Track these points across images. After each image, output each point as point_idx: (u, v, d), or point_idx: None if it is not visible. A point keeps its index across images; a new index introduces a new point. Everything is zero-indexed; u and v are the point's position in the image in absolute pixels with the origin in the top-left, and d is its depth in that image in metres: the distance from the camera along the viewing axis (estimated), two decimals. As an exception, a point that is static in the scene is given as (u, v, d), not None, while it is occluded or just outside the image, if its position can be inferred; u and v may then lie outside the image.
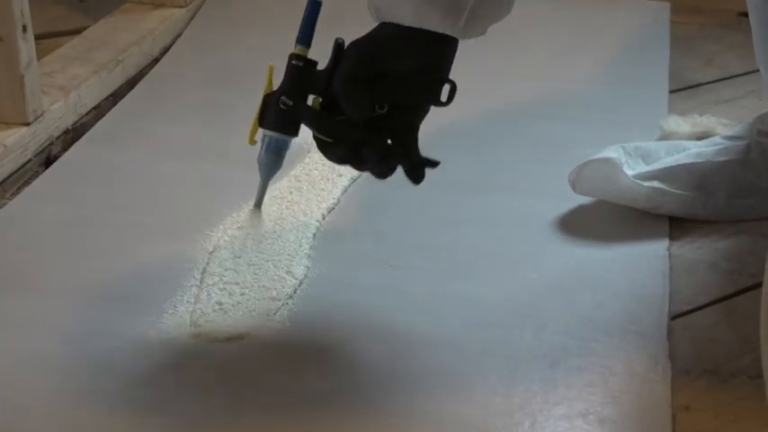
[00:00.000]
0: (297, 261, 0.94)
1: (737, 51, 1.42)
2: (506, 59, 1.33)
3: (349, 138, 0.82)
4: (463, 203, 1.06)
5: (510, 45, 1.04)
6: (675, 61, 1.37)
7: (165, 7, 1.43)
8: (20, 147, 1.10)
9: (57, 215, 1.02)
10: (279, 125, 0.85)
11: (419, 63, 0.82)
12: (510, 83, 1.30)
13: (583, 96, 1.27)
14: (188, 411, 0.77)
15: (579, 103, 1.26)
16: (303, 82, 0.84)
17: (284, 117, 0.84)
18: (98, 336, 0.85)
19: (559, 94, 1.28)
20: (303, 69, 0.84)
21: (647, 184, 1.00)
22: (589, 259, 0.97)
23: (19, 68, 1.09)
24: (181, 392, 0.78)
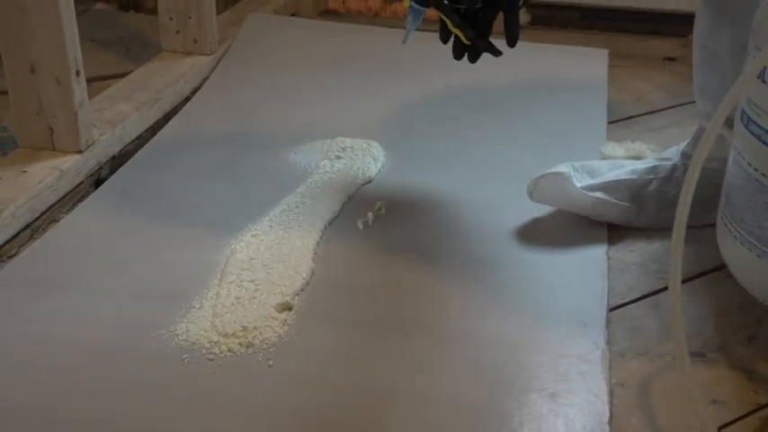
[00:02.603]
0: (303, 263, 0.93)
1: (663, 90, 1.42)
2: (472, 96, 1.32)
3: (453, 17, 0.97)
4: (437, 216, 1.05)
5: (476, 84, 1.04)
6: (612, 98, 1.36)
7: (194, 55, 1.41)
8: (74, 171, 1.09)
9: (104, 227, 1.01)
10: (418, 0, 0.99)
11: None
12: (474, 115, 1.29)
13: (536, 126, 1.26)
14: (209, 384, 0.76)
15: (533, 132, 1.25)
16: None
17: None
18: (136, 327, 0.83)
19: (516, 125, 1.27)
20: None
21: (592, 194, 0.99)
22: (543, 261, 0.96)
23: (73, 106, 1.08)
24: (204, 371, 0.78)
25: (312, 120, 1.27)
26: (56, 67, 1.06)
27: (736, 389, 0.79)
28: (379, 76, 1.09)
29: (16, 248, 0.99)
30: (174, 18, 1.40)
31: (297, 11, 1.73)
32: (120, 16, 1.75)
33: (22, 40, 1.05)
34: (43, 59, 1.06)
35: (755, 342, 0.85)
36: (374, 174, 1.13)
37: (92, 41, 1.59)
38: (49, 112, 1.08)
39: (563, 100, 1.33)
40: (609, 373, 0.79)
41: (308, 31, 1.59)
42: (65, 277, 0.91)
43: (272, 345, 0.81)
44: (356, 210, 1.04)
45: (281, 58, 1.46)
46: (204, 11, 1.39)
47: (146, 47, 1.55)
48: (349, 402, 0.75)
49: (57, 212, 1.06)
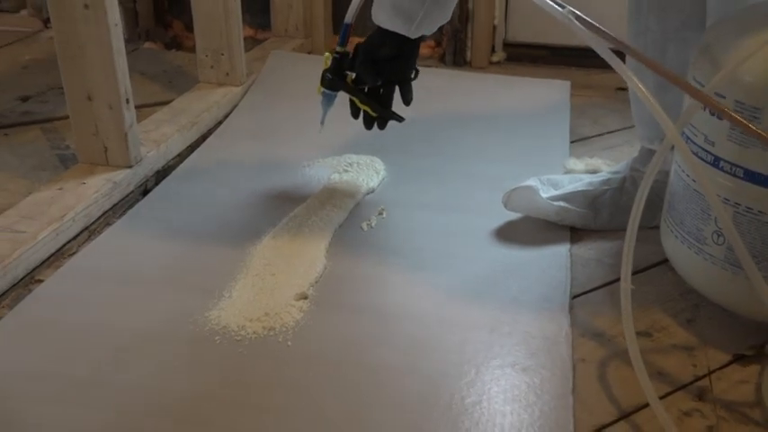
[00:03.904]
0: (317, 259, 0.92)
1: (615, 114, 1.41)
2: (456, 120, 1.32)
3: (359, 96, 1.01)
4: (429, 220, 1.04)
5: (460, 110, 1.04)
6: (573, 121, 1.36)
7: (226, 86, 1.40)
8: (125, 182, 1.08)
9: (150, 231, 1.00)
10: (328, 86, 1.02)
11: (394, 51, 0.97)
12: (458, 137, 1.28)
13: (509, 145, 1.25)
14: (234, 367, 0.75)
15: (507, 149, 1.24)
16: (340, 65, 1.00)
17: (330, 83, 1.01)
18: (177, 314, 0.83)
19: (493, 144, 1.26)
20: (339, 59, 1.00)
21: (555, 203, 0.99)
22: (515, 257, 0.95)
23: (124, 129, 1.07)
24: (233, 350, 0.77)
25: (323, 140, 1.25)
26: (109, 95, 1.05)
27: (678, 363, 0.78)
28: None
29: (76, 247, 0.98)
30: (209, 55, 1.40)
31: (312, 49, 1.72)
32: (165, 54, 1.75)
33: (81, 73, 1.05)
34: (98, 89, 1.05)
35: (693, 324, 0.84)
36: (376, 184, 1.12)
37: (141, 74, 1.59)
38: (103, 134, 1.08)
39: (532, 123, 1.33)
40: (572, 350, 0.79)
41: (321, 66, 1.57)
42: (117, 272, 0.91)
43: (291, 328, 0.80)
44: (361, 214, 1.04)
45: (299, 89, 1.46)
46: (235, 49, 1.39)
47: (185, 79, 1.55)
48: (353, 376, 0.75)
49: (110, 217, 1.05)
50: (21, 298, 0.87)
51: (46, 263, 0.94)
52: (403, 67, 1.00)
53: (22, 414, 0.70)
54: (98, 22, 1.01)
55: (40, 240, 0.93)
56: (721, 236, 0.77)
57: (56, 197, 1.01)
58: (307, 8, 1.69)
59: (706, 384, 0.76)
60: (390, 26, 0.95)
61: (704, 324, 0.84)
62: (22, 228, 0.94)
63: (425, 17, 0.93)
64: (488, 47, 1.66)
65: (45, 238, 0.93)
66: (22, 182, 1.15)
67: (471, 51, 1.65)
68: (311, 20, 1.70)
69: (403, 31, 0.95)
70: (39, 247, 0.93)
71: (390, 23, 0.95)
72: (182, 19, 1.80)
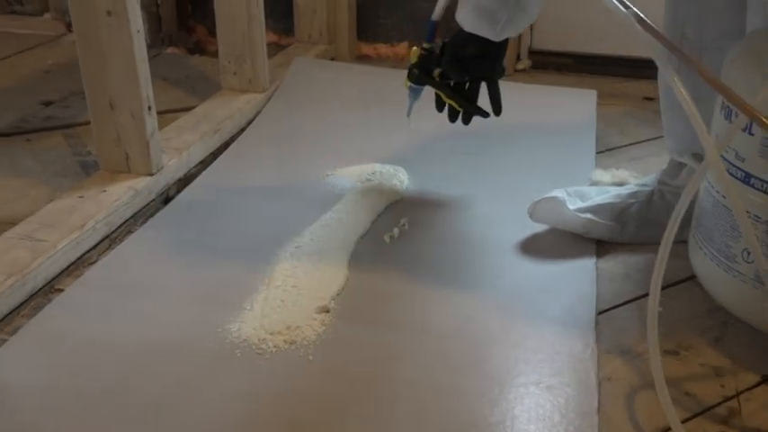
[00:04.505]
0: (339, 272, 0.92)
1: (643, 124, 1.39)
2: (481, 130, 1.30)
3: (445, 90, 1.03)
4: (452, 231, 1.04)
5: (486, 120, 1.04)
6: (599, 131, 1.35)
7: (249, 93, 1.41)
8: (146, 190, 1.09)
9: (170, 239, 1.01)
10: (414, 81, 1.05)
11: (479, 52, 0.99)
12: (484, 147, 1.28)
13: (535, 156, 1.25)
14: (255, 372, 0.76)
15: (533, 160, 1.23)
16: (427, 61, 1.03)
17: (417, 77, 1.04)
18: (198, 326, 0.83)
19: (519, 154, 1.26)
20: (426, 55, 1.03)
21: (582, 215, 0.98)
22: (541, 271, 0.95)
23: (146, 136, 1.08)
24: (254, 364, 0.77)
25: (347, 148, 1.27)
26: (131, 103, 1.06)
27: (705, 384, 0.77)
28: (403, 113, 1.09)
29: (96, 256, 0.99)
30: (231, 61, 1.41)
31: (336, 55, 1.73)
32: (188, 59, 1.76)
33: (103, 80, 1.06)
34: (120, 97, 1.06)
35: (721, 343, 0.83)
36: (400, 195, 1.12)
37: (164, 80, 1.60)
38: (125, 142, 1.09)
39: (559, 133, 1.32)
40: (597, 368, 0.78)
41: (345, 72, 1.59)
42: (137, 282, 0.92)
43: (312, 342, 0.80)
44: (384, 225, 1.04)
45: (322, 96, 1.47)
46: (258, 56, 1.40)
47: (208, 85, 1.56)
48: (374, 392, 0.75)
49: (131, 225, 1.06)
50: (40, 307, 0.88)
51: (66, 272, 0.95)
52: (489, 67, 1.02)
53: (38, 429, 0.70)
54: (120, 29, 1.02)
55: (59, 249, 0.94)
56: (752, 254, 0.76)
57: (76, 205, 1.03)
58: (331, 13, 1.69)
59: (734, 406, 0.75)
60: (474, 29, 0.96)
61: (732, 343, 0.83)
62: (43, 236, 0.95)
63: (510, 20, 0.94)
64: (513, 54, 1.65)
65: (65, 247, 0.95)
66: (44, 189, 1.16)
67: (497, 59, 1.65)
68: (335, 25, 1.71)
69: (487, 34, 0.96)
70: (59, 257, 0.94)
71: (474, 26, 0.95)
72: (205, 24, 1.82)
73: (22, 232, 0.97)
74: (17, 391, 0.75)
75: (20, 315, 0.88)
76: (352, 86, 1.50)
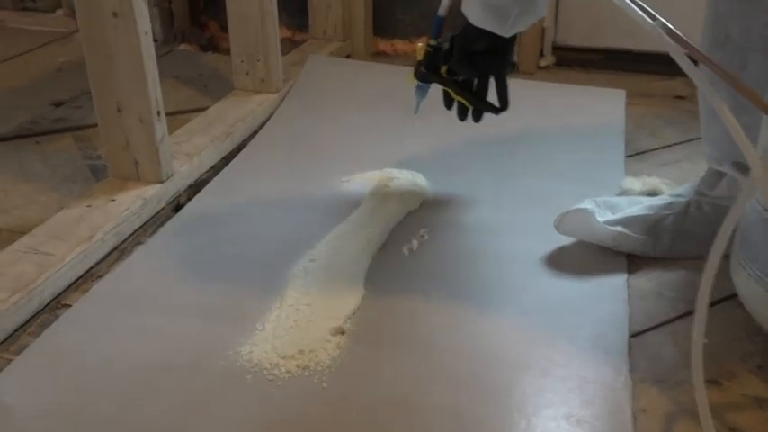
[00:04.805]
0: (355, 288, 0.88)
1: (674, 126, 1.33)
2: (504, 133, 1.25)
3: (453, 87, 1.01)
4: (474, 243, 0.99)
5: (508, 122, 0.99)
6: (628, 133, 1.28)
7: (262, 93, 1.37)
8: (156, 199, 1.06)
9: (181, 252, 0.97)
10: (421, 78, 1.03)
11: (488, 47, 0.95)
12: (506, 151, 1.23)
13: (561, 161, 1.19)
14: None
15: (559, 166, 1.18)
16: (433, 58, 1.00)
17: (424, 75, 1.02)
18: (208, 347, 0.79)
19: (544, 159, 1.20)
20: (433, 52, 1.00)
21: (613, 228, 0.93)
22: (568, 288, 0.90)
23: (155, 143, 1.04)
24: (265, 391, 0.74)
25: (363, 152, 1.22)
26: (139, 108, 1.03)
27: (750, 416, 0.72)
28: (421, 114, 1.05)
29: (105, 269, 0.96)
30: (244, 61, 1.36)
31: (352, 52, 1.68)
32: (200, 56, 1.72)
33: (110, 83, 1.02)
34: (128, 101, 1.03)
35: (764, 370, 0.78)
36: (418, 203, 1.07)
37: (175, 78, 1.57)
38: (134, 148, 1.05)
39: (585, 137, 1.26)
40: (631, 399, 0.73)
41: (361, 71, 1.54)
42: (146, 298, 0.88)
43: (327, 367, 0.76)
44: (402, 236, 1.00)
45: (337, 96, 1.42)
46: (271, 55, 1.35)
47: (221, 83, 1.52)
48: (391, 421, 0.70)
49: (141, 235, 1.03)
50: (47, 324, 0.85)
51: (73, 286, 0.92)
52: (498, 62, 0.98)
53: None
54: (127, 31, 0.98)
55: (67, 263, 0.91)
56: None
57: (84, 215, 0.99)
58: (346, 9, 1.64)
59: (781, 441, 0.70)
60: (482, 24, 0.92)
61: (777, 370, 0.78)
62: (49, 249, 0.92)
63: (519, 15, 0.90)
64: (536, 50, 1.59)
65: (72, 261, 0.91)
66: (53, 195, 1.13)
67: (518, 55, 1.59)
68: (351, 21, 1.66)
69: (496, 29, 0.92)
70: (66, 270, 0.91)
71: (482, 21, 0.92)
72: (217, 19, 1.77)
73: (29, 245, 0.93)
74: (21, 415, 0.72)
75: (26, 332, 0.85)
76: (368, 86, 1.46)
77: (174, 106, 1.42)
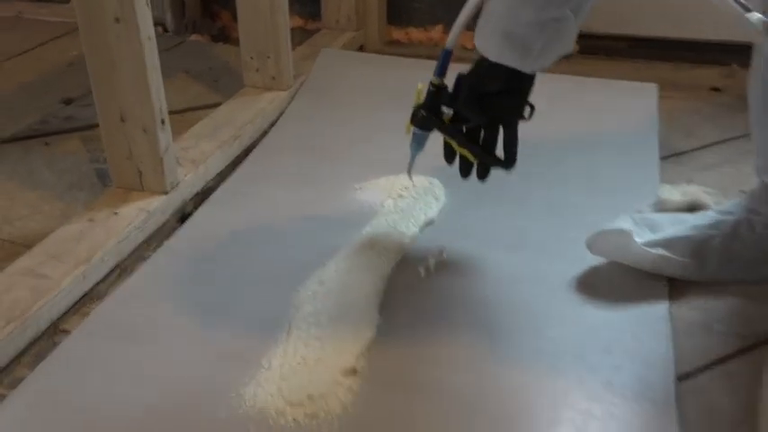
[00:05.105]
0: (368, 318, 0.77)
1: (711, 122, 1.19)
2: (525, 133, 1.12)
3: (458, 137, 0.82)
4: (497, 262, 0.87)
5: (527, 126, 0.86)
6: (661, 131, 1.14)
7: (272, 90, 1.25)
8: (160, 211, 0.95)
9: (184, 271, 0.87)
10: (420, 125, 0.83)
11: (504, 87, 0.77)
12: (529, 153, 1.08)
13: (589, 165, 1.06)
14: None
15: (586, 171, 1.05)
16: (436, 100, 0.81)
17: (423, 121, 0.83)
18: (208, 388, 0.69)
19: (569, 164, 1.07)
20: (435, 92, 0.81)
21: (653, 251, 0.81)
22: (602, 319, 0.78)
23: (159, 152, 0.94)
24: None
25: (377, 154, 1.10)
26: (143, 117, 0.92)
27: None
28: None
29: (106, 289, 0.86)
30: (254, 57, 1.24)
31: (365, 41, 1.55)
32: (211, 48, 1.60)
33: (113, 92, 0.91)
34: (132, 110, 0.92)
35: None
36: (435, 214, 0.96)
37: (186, 72, 1.45)
38: (137, 158, 0.95)
39: (615, 137, 1.13)
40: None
41: (375, 65, 1.41)
42: (145, 328, 0.78)
43: (337, 416, 0.66)
44: (419, 253, 0.88)
45: (350, 93, 1.30)
46: (281, 51, 1.23)
47: (231, 78, 1.40)
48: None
49: (144, 250, 0.92)
50: (43, 354, 0.76)
51: (72, 309, 0.82)
52: (514, 104, 0.79)
53: None
54: (130, 37, 0.87)
55: (64, 288, 0.81)
56: None
57: (85, 231, 0.89)
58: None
59: None
60: (500, 58, 0.75)
61: None
62: (47, 271, 0.82)
63: (544, 49, 0.74)
64: (561, 39, 1.45)
65: (70, 285, 0.81)
66: (58, 204, 1.04)
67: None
68: (364, 9, 1.53)
69: (517, 65, 0.75)
70: (64, 295, 0.81)
71: (501, 55, 0.75)
72: (229, 9, 1.65)
73: (26, 267, 0.84)
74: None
75: (20, 364, 0.76)
76: (382, 82, 1.33)
77: (184, 103, 1.31)
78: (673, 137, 1.15)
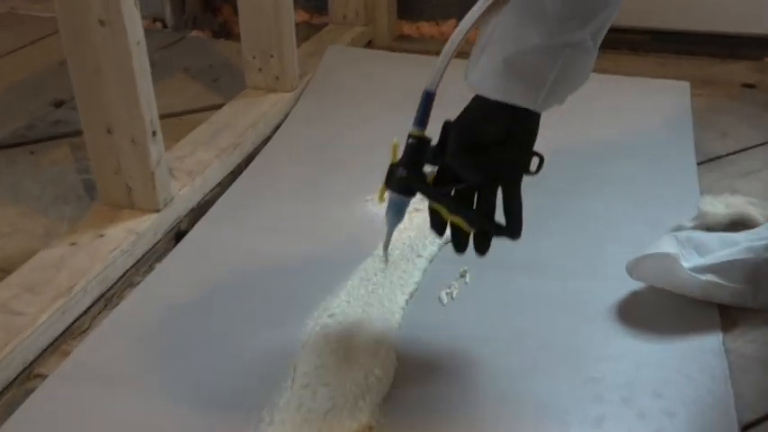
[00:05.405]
0: (384, 359, 0.66)
1: (748, 122, 1.07)
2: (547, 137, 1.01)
3: (448, 203, 0.63)
4: (525, 285, 0.76)
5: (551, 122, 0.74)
6: (696, 132, 1.03)
7: (276, 92, 1.13)
8: (151, 231, 0.84)
9: (177, 300, 0.76)
10: (399, 189, 0.64)
11: (504, 134, 0.59)
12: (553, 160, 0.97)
13: (620, 173, 0.94)
14: None
15: (618, 180, 0.93)
16: (417, 156, 0.62)
17: (403, 183, 0.63)
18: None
19: (599, 172, 0.95)
20: (417, 146, 0.62)
21: (703, 277, 0.70)
22: (649, 354, 0.67)
23: (150, 167, 0.83)
24: None
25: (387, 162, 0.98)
26: (132, 128, 0.81)
27: None
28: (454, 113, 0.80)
29: (89, 322, 0.75)
30: (256, 57, 1.12)
31: (374, 37, 1.43)
32: (212, 44, 1.48)
33: (99, 101, 0.80)
34: (119, 121, 0.81)
35: None
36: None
37: (185, 71, 1.33)
38: (126, 172, 0.84)
39: (645, 141, 1.01)
40: None
41: (385, 63, 1.28)
42: (129, 374, 0.67)
43: (350, 486, 0.55)
44: (439, 276, 0.77)
45: (358, 94, 1.18)
46: (285, 50, 1.11)
47: (232, 77, 1.28)
48: None
49: (133, 275, 0.81)
50: (14, 404, 0.65)
51: (49, 349, 0.71)
52: (518, 155, 0.61)
53: None
54: (117, 42, 0.76)
55: (41, 325, 0.70)
56: None
57: (66, 257, 0.78)
58: (368, -11, 1.39)
59: None
60: (502, 95, 0.57)
61: None
62: (21, 306, 0.71)
63: (558, 81, 0.56)
64: (580, 32, 1.33)
65: (47, 321, 0.70)
66: (42, 220, 0.93)
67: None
68: (373, 3, 1.40)
69: (523, 102, 0.57)
70: (40, 332, 0.70)
71: (502, 91, 0.57)
72: (231, 3, 1.52)
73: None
74: None
75: (-10, 416, 0.65)
76: (393, 81, 1.20)
77: (182, 105, 1.19)
78: (707, 139, 1.03)
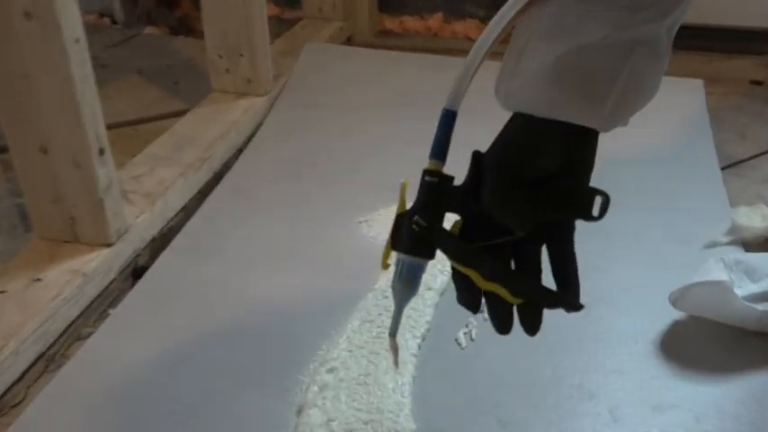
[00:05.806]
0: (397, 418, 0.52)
1: (763, 122, 0.96)
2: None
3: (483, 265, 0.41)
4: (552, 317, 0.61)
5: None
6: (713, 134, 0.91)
7: (247, 96, 0.97)
8: (102, 271, 0.67)
9: (139, 356, 0.59)
10: (412, 248, 0.43)
11: (561, 163, 0.40)
12: None
13: (642, 182, 0.82)
14: None
15: (640, 189, 0.80)
16: (438, 200, 0.42)
17: (418, 239, 0.43)
18: None
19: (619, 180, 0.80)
20: (438, 186, 0.42)
21: (760, 307, 0.58)
22: (705, 400, 0.55)
23: (98, 192, 0.65)
24: None
25: (380, 176, 0.83)
26: (72, 146, 0.63)
27: None
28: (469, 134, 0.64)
29: (24, 392, 0.58)
30: (223, 56, 0.95)
31: (353, 32, 1.27)
32: (170, 42, 1.30)
33: (29, 114, 0.62)
34: (56, 138, 0.63)
35: None
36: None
37: (139, 73, 1.15)
38: (68, 200, 0.66)
39: (664, 145, 0.88)
40: None
41: (368, 62, 1.12)
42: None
43: None
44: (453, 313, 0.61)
45: (341, 96, 1.02)
46: (257, 48, 0.94)
47: (195, 78, 1.12)
48: None
49: (80, 327, 0.64)
50: None
51: (-28, 432, 0.55)
52: (579, 191, 0.41)
53: None
54: (48, 40, 0.59)
55: (-43, 405, 0.53)
56: None
57: (-6, 309, 0.61)
58: (345, -20, 1.23)
59: None
60: (557, 111, 0.39)
61: None
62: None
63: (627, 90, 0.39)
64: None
65: (-33, 399, 0.54)
66: (-33, 258, 0.75)
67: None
68: (351, -4, 1.25)
69: (586, 118, 0.40)
70: (-43, 414, 0.53)
71: (557, 105, 0.39)
72: (190, -4, 1.35)
73: None
74: None
75: None
76: (378, 81, 1.05)
77: (137, 112, 1.01)
78: (724, 141, 0.91)
